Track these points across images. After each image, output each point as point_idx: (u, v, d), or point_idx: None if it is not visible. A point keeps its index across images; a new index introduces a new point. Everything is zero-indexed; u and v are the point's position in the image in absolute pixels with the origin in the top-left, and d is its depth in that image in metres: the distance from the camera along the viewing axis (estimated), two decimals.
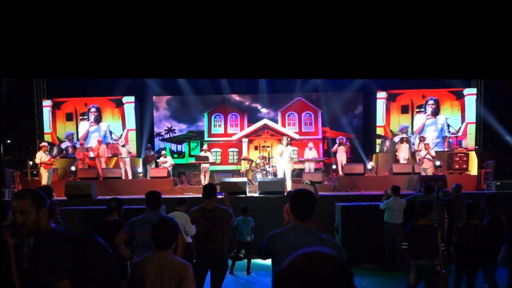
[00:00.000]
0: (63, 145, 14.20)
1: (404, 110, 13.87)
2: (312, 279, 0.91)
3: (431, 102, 13.68)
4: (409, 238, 4.42)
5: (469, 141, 13.35)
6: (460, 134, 13.48)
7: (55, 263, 1.98)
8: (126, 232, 3.88)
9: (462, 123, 13.59)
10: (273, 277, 2.54)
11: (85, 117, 14.35)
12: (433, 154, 11.43)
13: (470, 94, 13.55)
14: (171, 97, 15.28)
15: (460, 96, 13.61)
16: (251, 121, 15.12)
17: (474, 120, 13.49)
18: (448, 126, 13.65)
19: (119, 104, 14.27)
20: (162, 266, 2.54)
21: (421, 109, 13.81)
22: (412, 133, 13.66)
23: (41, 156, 11.01)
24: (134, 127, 14.26)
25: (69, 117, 14.32)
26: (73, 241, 2.08)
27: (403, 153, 12.13)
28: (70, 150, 14.05)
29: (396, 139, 13.33)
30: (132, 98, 14.22)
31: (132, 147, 13.65)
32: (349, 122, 14.93)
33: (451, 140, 13.35)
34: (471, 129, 13.46)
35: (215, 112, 15.34)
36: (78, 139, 14.15)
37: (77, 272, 2.02)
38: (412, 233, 4.43)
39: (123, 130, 14.26)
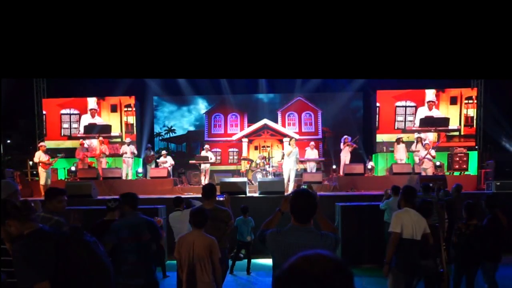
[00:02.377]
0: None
1: (398, 110, 13.86)
2: (311, 280, 0.92)
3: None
4: None
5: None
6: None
7: (31, 266, 1.96)
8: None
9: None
10: (273, 278, 2.53)
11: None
12: (433, 154, 11.44)
13: (454, 95, 13.54)
14: (172, 97, 15.28)
15: (444, 97, 13.60)
16: (251, 121, 15.12)
17: (458, 121, 13.49)
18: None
19: (105, 105, 14.24)
20: (195, 238, 3.49)
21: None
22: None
23: (39, 156, 11.02)
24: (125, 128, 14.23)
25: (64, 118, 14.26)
26: (57, 241, 2.06)
27: (399, 154, 12.13)
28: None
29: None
30: (117, 99, 14.17)
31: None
32: (349, 122, 14.92)
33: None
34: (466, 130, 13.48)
35: (215, 112, 15.34)
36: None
37: (61, 272, 2.00)
38: None
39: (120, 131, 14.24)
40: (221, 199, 5.37)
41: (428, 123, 13.52)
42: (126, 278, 3.60)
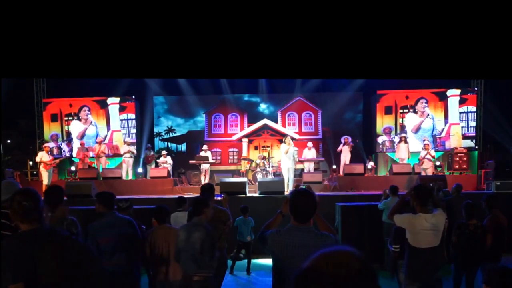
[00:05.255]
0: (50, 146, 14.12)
1: (388, 111, 13.84)
2: (334, 281, 0.86)
3: (423, 101, 13.65)
4: (401, 239, 4.37)
5: (453, 142, 13.34)
6: (443, 135, 13.49)
7: (6, 266, 1.95)
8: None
9: (445, 124, 13.57)
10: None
11: (71, 117, 14.24)
12: (433, 154, 11.42)
13: (453, 96, 13.54)
14: (172, 97, 15.31)
15: (443, 97, 13.59)
16: (251, 121, 15.12)
17: (458, 121, 13.49)
18: (434, 126, 13.71)
19: (104, 105, 14.22)
20: (166, 232, 3.93)
21: (407, 109, 13.76)
22: (396, 133, 13.63)
23: (42, 156, 11.03)
24: (119, 128, 14.19)
25: (54, 118, 14.23)
26: (37, 241, 2.05)
27: (401, 153, 12.11)
28: (55, 151, 13.91)
29: (396, 139, 13.39)
30: (116, 100, 14.17)
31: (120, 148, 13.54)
32: (349, 122, 14.92)
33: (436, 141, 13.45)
34: (455, 130, 13.47)
35: (215, 112, 15.34)
36: (63, 140, 14.10)
37: (35, 274, 1.99)
38: (400, 233, 4.40)
39: (107, 131, 14.20)
40: (219, 198, 5.37)
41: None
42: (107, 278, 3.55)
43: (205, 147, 12.58)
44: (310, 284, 0.88)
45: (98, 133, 14.09)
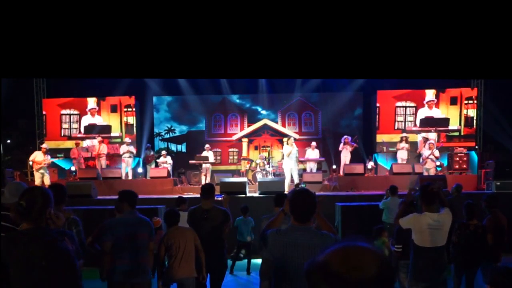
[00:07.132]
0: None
1: (398, 110, 13.82)
2: (345, 285, 0.80)
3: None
4: (404, 239, 4.36)
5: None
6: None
7: None
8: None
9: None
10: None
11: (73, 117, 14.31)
12: (437, 154, 11.28)
13: (453, 96, 13.52)
14: (172, 97, 15.31)
15: (443, 98, 13.57)
16: (251, 121, 15.11)
17: (458, 121, 13.49)
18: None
19: (104, 105, 14.23)
20: (180, 233, 4.13)
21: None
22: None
23: (35, 156, 10.76)
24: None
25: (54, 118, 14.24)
26: (16, 243, 2.08)
27: (402, 153, 12.06)
28: None
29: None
30: (117, 100, 14.18)
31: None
32: (349, 122, 14.91)
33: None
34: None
35: (215, 112, 15.33)
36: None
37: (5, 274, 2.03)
38: (403, 233, 4.39)
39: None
40: (220, 198, 5.37)
41: (429, 123, 13.51)
42: (120, 276, 3.57)
43: (207, 146, 12.55)
44: (318, 281, 0.82)
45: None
